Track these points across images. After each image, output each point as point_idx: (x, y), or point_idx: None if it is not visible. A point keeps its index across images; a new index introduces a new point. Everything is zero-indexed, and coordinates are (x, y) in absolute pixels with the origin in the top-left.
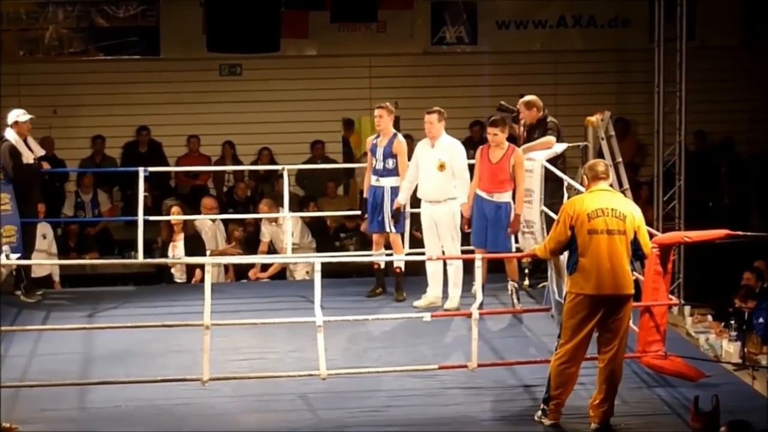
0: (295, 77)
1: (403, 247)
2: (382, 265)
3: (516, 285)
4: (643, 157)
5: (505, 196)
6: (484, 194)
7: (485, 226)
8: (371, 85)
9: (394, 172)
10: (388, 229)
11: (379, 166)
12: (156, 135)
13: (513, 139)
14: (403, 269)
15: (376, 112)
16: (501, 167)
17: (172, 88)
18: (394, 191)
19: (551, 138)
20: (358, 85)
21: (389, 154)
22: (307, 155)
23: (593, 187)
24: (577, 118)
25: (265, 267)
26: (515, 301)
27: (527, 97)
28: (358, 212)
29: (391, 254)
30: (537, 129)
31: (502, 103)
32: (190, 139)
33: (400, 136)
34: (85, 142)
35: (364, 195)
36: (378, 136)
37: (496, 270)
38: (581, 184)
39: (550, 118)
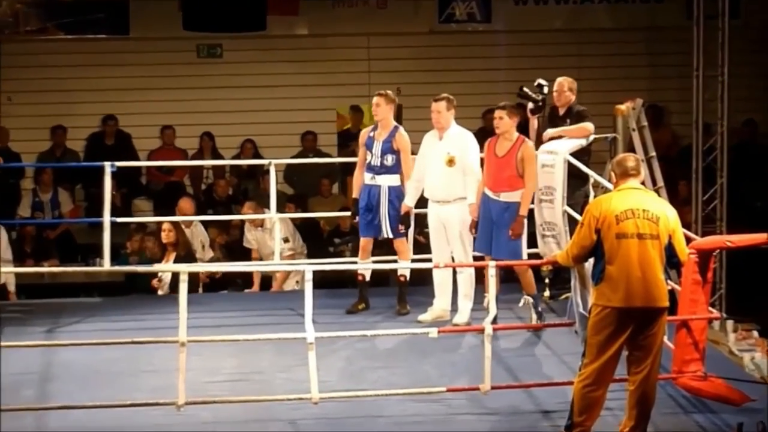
0: (284, 59)
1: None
2: (368, 277)
3: (532, 300)
4: (678, 150)
5: (515, 196)
6: (490, 193)
7: (490, 229)
8: (370, 69)
9: (392, 169)
10: (385, 234)
11: (376, 162)
12: (125, 125)
13: (524, 127)
14: (408, 278)
15: (374, 99)
16: (507, 162)
17: (143, 72)
18: (393, 191)
19: (590, 125)
20: (356, 69)
21: (389, 149)
22: (296, 148)
23: (622, 184)
24: (605, 106)
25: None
26: (534, 317)
27: (566, 78)
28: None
29: (396, 261)
30: (567, 118)
31: (524, 89)
32: (164, 130)
33: (402, 129)
34: (44, 134)
35: (354, 195)
36: (375, 128)
37: (510, 279)
38: (609, 181)
39: (582, 107)
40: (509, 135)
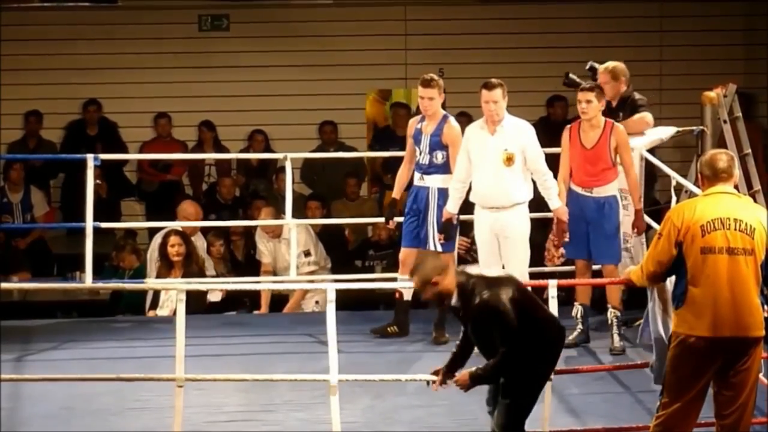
0: (303, 33)
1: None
2: (407, 296)
3: (618, 315)
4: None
5: (610, 189)
6: (579, 189)
7: (585, 231)
8: (407, 46)
9: (442, 168)
10: (432, 247)
11: (425, 159)
12: (110, 112)
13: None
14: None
15: (424, 91)
16: (599, 153)
17: (133, 48)
18: (442, 194)
19: (648, 115)
20: (390, 45)
21: (437, 144)
22: (315, 141)
23: (710, 189)
24: (691, 93)
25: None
26: (615, 338)
27: (612, 64)
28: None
29: None
30: (620, 110)
31: (570, 75)
32: (158, 119)
33: (452, 120)
34: (14, 121)
35: (395, 194)
36: (423, 118)
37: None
38: (695, 183)
39: (638, 95)
40: (596, 121)
